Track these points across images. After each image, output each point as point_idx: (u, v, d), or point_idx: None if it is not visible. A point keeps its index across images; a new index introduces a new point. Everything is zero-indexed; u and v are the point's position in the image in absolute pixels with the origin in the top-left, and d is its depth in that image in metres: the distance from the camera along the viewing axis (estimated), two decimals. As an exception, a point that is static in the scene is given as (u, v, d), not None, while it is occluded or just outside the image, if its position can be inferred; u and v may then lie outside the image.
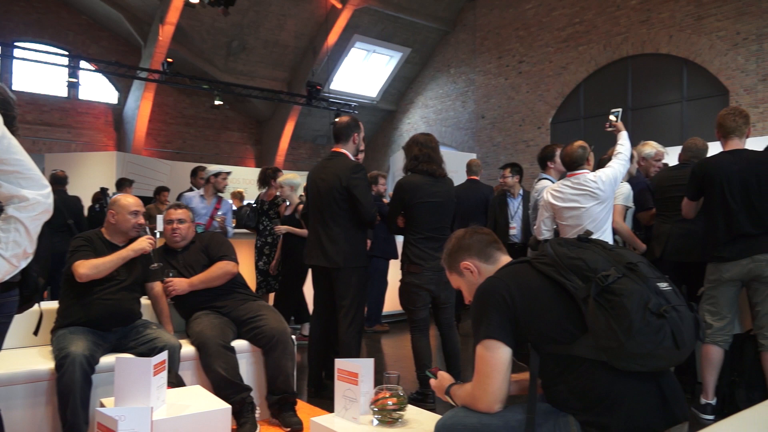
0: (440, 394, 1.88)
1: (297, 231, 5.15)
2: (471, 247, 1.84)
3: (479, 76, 14.51)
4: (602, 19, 11.95)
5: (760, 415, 1.30)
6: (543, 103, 13.00)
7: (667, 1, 10.94)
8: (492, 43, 14.19)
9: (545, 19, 13.00)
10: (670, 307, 1.46)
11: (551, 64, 12.86)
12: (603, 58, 11.94)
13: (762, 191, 3.24)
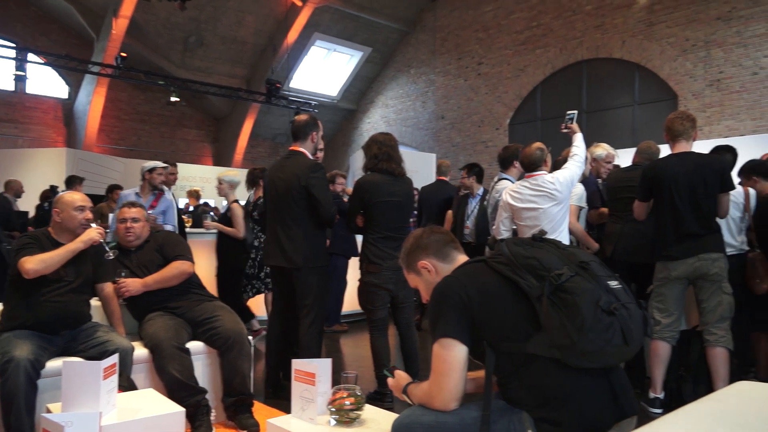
0: (397, 393, 1.88)
1: (226, 230, 5.07)
2: (429, 247, 1.85)
3: (439, 76, 14.63)
4: (559, 23, 12.22)
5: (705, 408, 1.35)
6: (501, 105, 13.20)
7: (621, 8, 11.27)
8: (452, 45, 14.33)
9: (504, 22, 13.20)
10: (620, 305, 1.50)
11: (509, 66, 13.07)
12: (559, 62, 12.21)
13: (708, 193, 3.36)
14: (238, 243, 5.23)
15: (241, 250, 5.31)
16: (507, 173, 4.58)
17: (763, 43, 9.52)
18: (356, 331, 6.10)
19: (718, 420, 1.26)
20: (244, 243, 5.25)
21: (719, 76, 9.98)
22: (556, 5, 12.25)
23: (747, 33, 9.68)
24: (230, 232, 5.10)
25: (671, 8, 10.57)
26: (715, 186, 3.36)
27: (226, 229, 5.15)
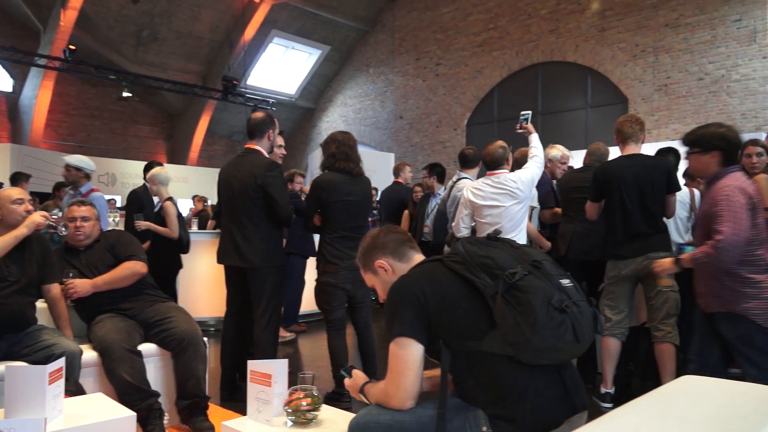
0: (354, 393, 1.88)
1: (159, 229, 4.86)
2: (385, 246, 1.86)
3: (398, 76, 14.68)
4: (515, 27, 12.43)
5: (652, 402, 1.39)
6: (459, 106, 13.34)
7: (574, 13, 11.55)
8: (410, 45, 14.41)
9: (461, 24, 13.35)
10: (572, 303, 1.53)
11: (467, 67, 13.22)
12: (515, 64, 12.43)
13: (655, 194, 3.48)
14: (173, 244, 4.96)
15: (176, 251, 5.07)
16: (468, 173, 4.63)
17: (708, 50, 9.91)
18: (314, 331, 6.06)
19: (664, 413, 1.30)
20: (179, 244, 5.02)
21: (667, 81, 10.35)
22: (512, 8, 12.47)
23: (693, 40, 10.07)
24: (163, 232, 4.83)
25: (622, 14, 10.90)
26: (662, 187, 3.48)
27: (158, 229, 4.84)
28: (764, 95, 9.39)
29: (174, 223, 4.91)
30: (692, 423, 1.22)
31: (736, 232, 2.55)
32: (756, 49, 9.47)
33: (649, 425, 1.22)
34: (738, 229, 2.57)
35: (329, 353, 3.69)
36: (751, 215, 2.58)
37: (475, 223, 3.86)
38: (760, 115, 9.39)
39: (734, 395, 1.42)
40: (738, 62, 9.64)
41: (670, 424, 1.22)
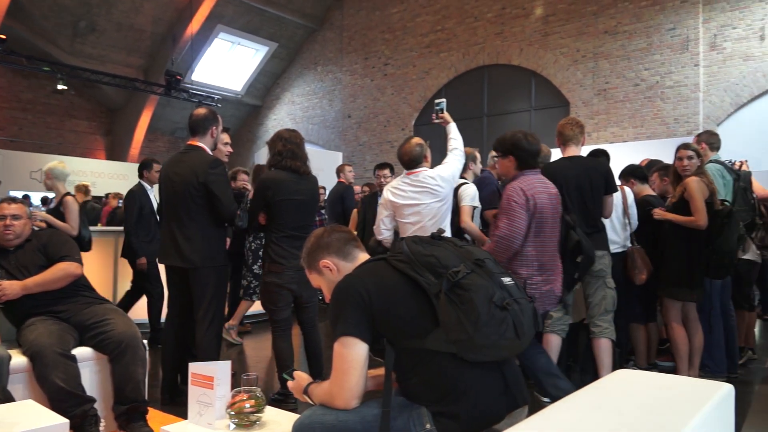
0: (298, 394, 1.86)
1: (57, 224, 4.63)
2: (330, 246, 1.84)
3: (346, 75, 14.65)
4: (462, 29, 12.62)
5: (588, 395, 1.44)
6: (407, 106, 13.43)
7: (519, 17, 11.82)
8: (359, 44, 14.40)
9: (410, 24, 13.45)
10: (513, 300, 1.57)
11: (415, 68, 13.32)
12: (462, 66, 12.61)
13: (594, 194, 3.60)
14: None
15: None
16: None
17: (644, 57, 10.34)
18: (260, 331, 5.97)
19: (600, 406, 1.35)
20: (80, 241, 4.78)
21: (606, 86, 10.74)
22: (459, 11, 12.65)
23: (630, 47, 10.48)
24: (62, 226, 4.60)
25: (564, 20, 11.24)
26: (600, 188, 3.61)
27: (57, 223, 4.64)
28: (695, 101, 9.87)
29: (75, 219, 4.71)
30: (626, 415, 1.27)
31: (510, 229, 2.88)
32: (688, 57, 9.94)
33: (586, 418, 1.26)
34: (511, 227, 2.90)
35: (274, 354, 3.64)
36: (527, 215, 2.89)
37: (397, 224, 3.71)
38: (691, 120, 9.86)
39: (665, 388, 1.48)
40: (671, 69, 10.10)
41: (606, 416, 1.26)
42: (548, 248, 3.06)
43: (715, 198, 3.78)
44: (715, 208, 3.74)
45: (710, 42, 9.83)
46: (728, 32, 9.69)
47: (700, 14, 9.87)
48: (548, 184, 3.13)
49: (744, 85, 9.56)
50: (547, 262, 3.06)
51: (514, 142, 3.07)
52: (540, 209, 2.99)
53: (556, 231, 3.07)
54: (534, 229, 2.99)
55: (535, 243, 3.00)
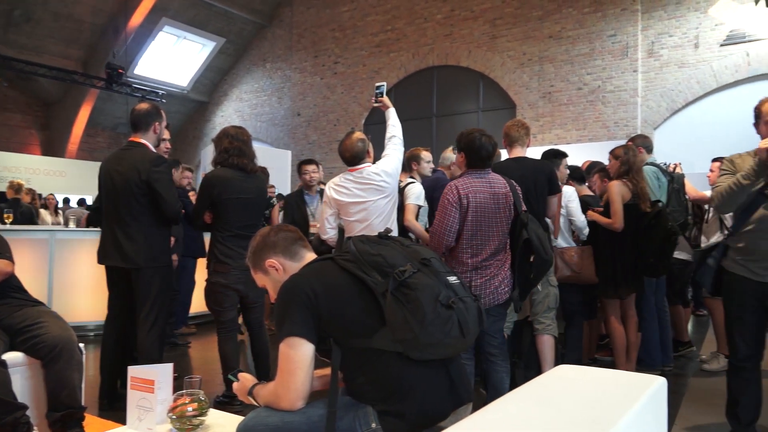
0: (242, 396, 1.82)
1: None
2: (276, 245, 1.82)
3: (295, 73, 14.51)
4: (411, 29, 12.71)
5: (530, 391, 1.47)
6: (357, 105, 13.43)
7: (467, 19, 12.01)
8: (308, 42, 14.29)
9: (360, 23, 13.44)
10: (458, 299, 1.59)
11: (365, 67, 13.33)
12: (412, 66, 12.71)
13: (538, 195, 3.69)
14: None
15: None
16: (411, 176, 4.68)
17: (587, 62, 10.69)
18: (205, 333, 5.85)
19: (541, 401, 1.38)
20: None
21: (550, 89, 11.04)
22: (409, 12, 12.73)
23: (574, 52, 10.81)
24: None
25: (510, 24, 11.49)
26: (544, 188, 3.70)
27: None
28: (634, 105, 10.28)
29: None
30: (565, 409, 1.30)
31: (440, 225, 2.98)
32: (627, 63, 10.33)
33: (528, 413, 1.29)
34: (441, 223, 2.98)
35: (220, 356, 3.57)
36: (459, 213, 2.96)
37: (342, 222, 3.63)
38: (630, 124, 10.26)
39: (603, 382, 1.53)
40: (612, 74, 10.47)
41: (546, 410, 1.29)
42: (488, 247, 3.04)
43: (642, 199, 3.92)
44: (643, 209, 3.90)
45: (648, 49, 10.25)
46: (665, 40, 10.13)
47: (639, 22, 10.29)
48: (497, 183, 3.13)
49: (679, 90, 10.02)
50: (484, 262, 3.02)
51: (468, 140, 3.10)
52: (476, 208, 2.99)
53: (499, 230, 3.08)
54: (470, 228, 2.99)
55: (471, 242, 3.01)
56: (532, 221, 3.07)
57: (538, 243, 3.00)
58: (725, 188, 2.80)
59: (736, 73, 9.59)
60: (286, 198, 5.29)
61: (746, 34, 9.48)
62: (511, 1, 11.49)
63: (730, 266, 2.89)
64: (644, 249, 3.86)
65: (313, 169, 5.27)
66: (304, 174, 5.26)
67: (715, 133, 9.53)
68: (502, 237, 3.09)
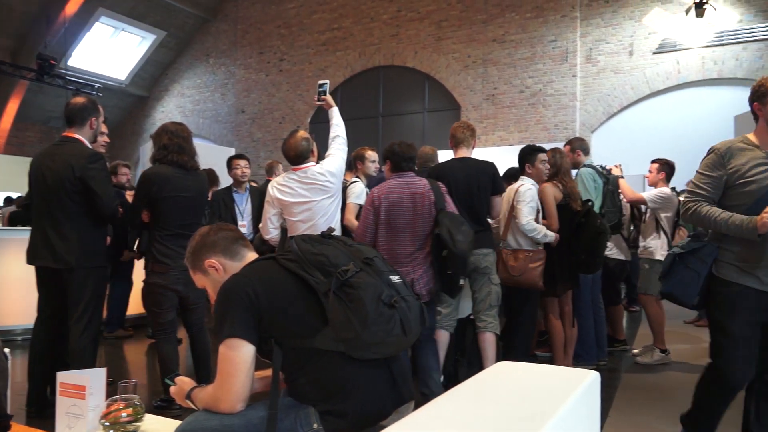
0: (180, 400, 1.77)
1: None
2: (216, 245, 1.78)
3: (240, 69, 14.25)
4: (358, 29, 12.70)
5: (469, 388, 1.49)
6: (303, 103, 13.31)
7: (413, 20, 12.10)
8: (253, 38, 14.06)
9: (306, 21, 13.33)
10: (400, 298, 1.60)
11: (311, 65, 13.23)
12: (358, 65, 12.70)
13: (481, 195, 3.77)
14: None
15: None
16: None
17: (529, 66, 10.97)
18: (142, 335, 5.67)
19: (480, 397, 1.41)
20: None
21: (494, 92, 11.27)
22: (355, 10, 12.72)
23: (516, 55, 11.08)
24: None
25: (456, 26, 11.65)
26: (487, 189, 3.78)
27: None
28: (573, 109, 10.62)
29: None
30: (504, 404, 1.33)
31: (360, 226, 3.34)
32: (567, 68, 10.67)
33: (467, 409, 1.31)
34: (361, 224, 3.36)
35: (158, 359, 3.47)
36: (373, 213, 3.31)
37: (285, 222, 3.59)
38: (569, 127, 10.60)
39: (540, 377, 1.57)
40: (552, 78, 10.79)
41: (485, 406, 1.32)
42: (405, 244, 3.25)
43: (572, 199, 4.06)
44: (574, 208, 4.03)
45: (586, 55, 10.62)
46: (602, 46, 10.51)
47: (578, 28, 10.64)
48: (416, 184, 3.32)
49: (615, 96, 10.42)
50: (401, 258, 3.22)
51: (389, 150, 3.46)
52: (388, 208, 3.27)
53: (417, 228, 3.25)
54: (384, 227, 3.28)
55: (387, 239, 3.27)
56: (449, 217, 3.22)
57: (448, 237, 3.13)
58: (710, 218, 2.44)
59: (666, 80, 10.06)
60: (213, 195, 5.01)
61: (677, 44, 9.96)
62: (456, 4, 11.66)
63: (728, 275, 2.46)
64: (576, 247, 4.00)
65: (245, 164, 5.05)
66: (235, 169, 5.02)
67: (647, 137, 9.98)
68: (420, 234, 3.26)
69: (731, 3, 9.63)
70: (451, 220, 3.22)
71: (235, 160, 5.04)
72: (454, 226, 3.17)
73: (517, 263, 3.80)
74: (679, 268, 2.60)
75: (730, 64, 9.58)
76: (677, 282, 2.61)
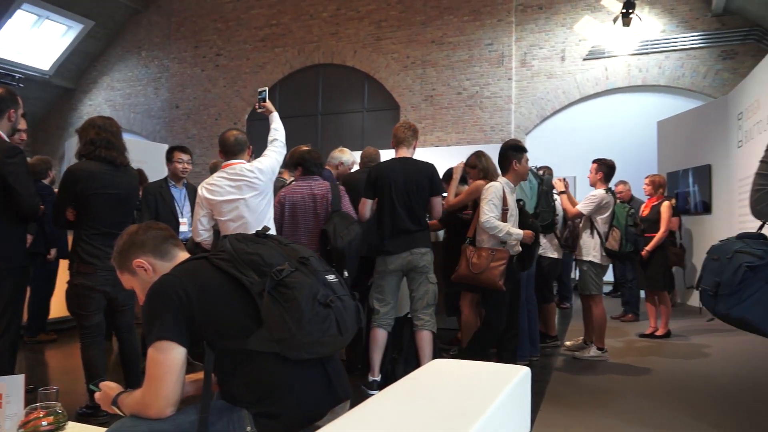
0: (106, 406, 1.69)
1: None
2: (145, 244, 1.71)
3: (174, 63, 13.81)
4: (297, 25, 12.57)
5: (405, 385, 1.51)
6: (240, 100, 13.05)
7: (353, 19, 12.09)
8: (188, 31, 13.67)
9: (244, 16, 13.08)
10: (336, 297, 1.59)
11: (249, 61, 12.99)
12: (297, 62, 12.57)
13: (420, 195, 3.81)
14: None
15: None
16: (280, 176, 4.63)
17: (466, 68, 11.18)
18: (67, 340, 5.40)
19: (415, 395, 1.42)
20: None
21: (432, 93, 11.42)
22: (294, 7, 12.58)
23: (454, 57, 11.27)
24: None
25: (395, 27, 11.73)
26: (424, 189, 3.82)
27: None
28: (508, 111, 10.91)
29: None
30: (437, 402, 1.35)
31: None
32: (503, 71, 10.95)
33: (401, 407, 1.31)
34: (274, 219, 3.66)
35: (83, 364, 3.31)
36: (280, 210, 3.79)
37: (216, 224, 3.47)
38: (505, 129, 10.88)
39: (473, 374, 1.60)
40: (489, 81, 11.04)
41: (419, 404, 1.33)
42: (303, 239, 3.75)
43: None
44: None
45: (521, 59, 10.93)
46: (536, 51, 10.85)
47: (513, 33, 10.94)
48: (319, 187, 3.83)
49: (548, 100, 10.78)
50: None
51: (300, 155, 3.99)
52: (290, 206, 3.82)
53: (316, 225, 3.77)
54: (288, 222, 3.82)
55: (289, 233, 3.79)
56: (340, 216, 3.70)
57: (332, 233, 3.56)
58: None
59: (596, 86, 10.50)
60: (145, 189, 4.54)
61: (605, 51, 10.41)
62: (396, 5, 11.74)
63: None
64: None
65: (188, 159, 4.61)
66: (176, 162, 4.51)
67: (578, 140, 10.39)
68: (316, 231, 3.77)
69: (655, 13, 10.15)
70: (341, 219, 3.65)
71: (178, 153, 4.55)
72: (341, 224, 3.59)
73: (479, 261, 3.75)
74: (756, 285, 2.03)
75: (653, 71, 10.09)
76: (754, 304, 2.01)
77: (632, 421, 3.33)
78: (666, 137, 8.75)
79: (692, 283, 8.11)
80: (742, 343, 5.56)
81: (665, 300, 5.77)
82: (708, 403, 3.71)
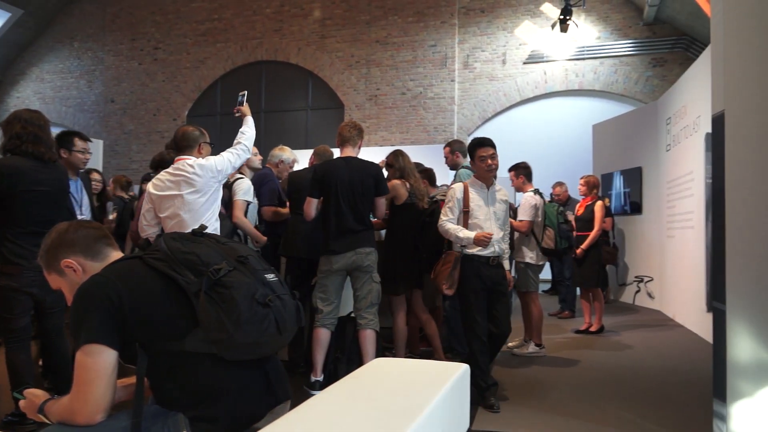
0: (32, 414, 1.61)
1: None
2: (75, 243, 1.63)
3: (109, 55, 13.29)
4: (239, 21, 12.34)
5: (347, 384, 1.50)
6: (180, 95, 12.69)
7: (297, 17, 11.98)
8: (125, 23, 13.18)
9: (183, 9, 12.73)
10: (275, 297, 1.56)
11: (189, 55, 12.66)
12: (240, 59, 12.34)
13: (364, 193, 3.81)
14: None
15: None
16: None
17: (410, 69, 11.27)
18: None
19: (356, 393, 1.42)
20: None
21: (377, 92, 11.45)
22: (237, 2, 12.35)
23: (398, 58, 11.34)
24: None
25: (340, 25, 11.70)
26: (370, 189, 3.82)
27: None
28: (451, 112, 11.07)
29: None
30: (378, 399, 1.35)
31: None
32: (446, 72, 11.10)
33: (342, 406, 1.31)
34: None
35: (8, 370, 3.13)
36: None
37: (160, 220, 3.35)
38: (448, 129, 11.04)
39: (415, 372, 1.62)
40: (432, 82, 11.17)
41: (360, 403, 1.33)
42: None
43: (418, 197, 4.22)
44: (420, 207, 4.21)
45: (464, 61, 11.12)
46: (478, 54, 11.06)
47: (456, 35, 11.11)
48: None
49: (489, 102, 11.01)
50: None
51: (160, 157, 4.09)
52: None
53: None
54: None
55: None
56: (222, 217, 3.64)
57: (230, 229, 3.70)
58: None
59: (535, 89, 10.80)
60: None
61: (544, 55, 10.73)
62: (340, 3, 11.70)
63: None
64: (421, 246, 4.18)
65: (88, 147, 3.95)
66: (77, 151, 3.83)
67: (518, 141, 10.63)
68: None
69: (591, 21, 10.54)
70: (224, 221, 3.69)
71: (77, 139, 3.84)
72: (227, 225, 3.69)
73: (437, 265, 3.82)
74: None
75: (589, 77, 10.48)
76: None
77: (567, 414, 3.45)
78: (600, 140, 9.11)
79: (624, 280, 8.47)
80: (668, 338, 5.86)
81: (599, 297, 6.00)
82: (636, 394, 3.88)
